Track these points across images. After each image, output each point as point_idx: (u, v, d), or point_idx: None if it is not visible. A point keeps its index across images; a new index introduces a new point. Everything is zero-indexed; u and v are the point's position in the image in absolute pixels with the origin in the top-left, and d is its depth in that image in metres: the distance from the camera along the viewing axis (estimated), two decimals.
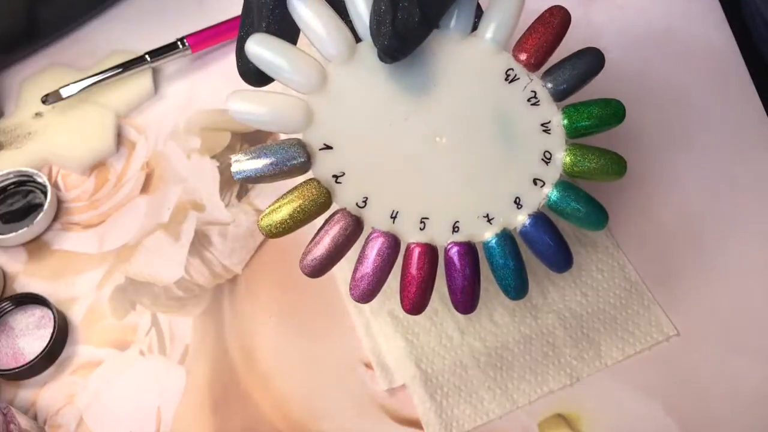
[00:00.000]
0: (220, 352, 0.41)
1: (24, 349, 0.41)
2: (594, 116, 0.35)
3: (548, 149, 0.34)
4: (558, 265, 0.35)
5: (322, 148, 0.32)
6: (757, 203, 0.44)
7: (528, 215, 0.34)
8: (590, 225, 0.35)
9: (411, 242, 0.32)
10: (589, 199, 0.35)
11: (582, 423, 0.38)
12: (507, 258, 0.33)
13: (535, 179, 0.34)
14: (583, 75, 0.36)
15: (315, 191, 0.31)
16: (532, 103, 0.35)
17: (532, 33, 0.36)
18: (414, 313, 0.33)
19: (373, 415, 0.39)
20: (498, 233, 0.33)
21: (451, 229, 0.33)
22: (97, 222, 0.46)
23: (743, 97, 0.47)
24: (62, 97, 0.48)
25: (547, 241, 0.34)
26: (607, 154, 0.35)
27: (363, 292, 0.32)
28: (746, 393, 0.38)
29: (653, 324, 0.40)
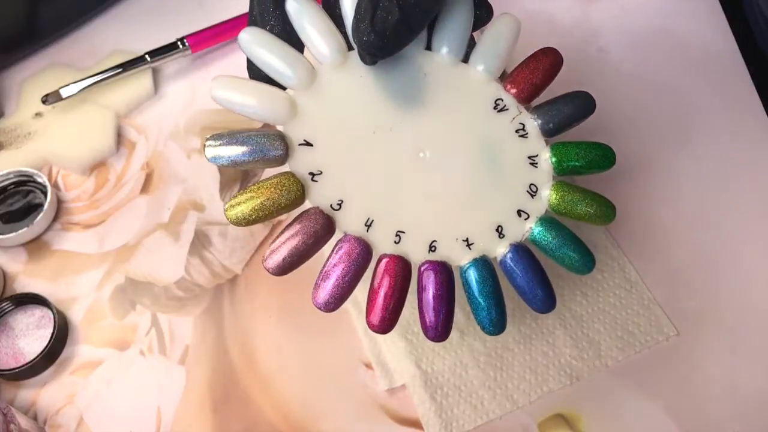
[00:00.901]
0: (220, 352, 0.41)
1: (24, 349, 0.41)
2: (582, 157, 0.35)
3: (534, 182, 0.34)
4: (537, 302, 0.33)
5: (302, 143, 0.32)
6: (757, 203, 0.44)
7: (509, 245, 0.33)
8: (573, 267, 0.34)
9: (383, 254, 0.32)
10: (573, 240, 0.34)
11: (582, 423, 0.38)
12: (483, 285, 0.32)
13: (519, 210, 0.34)
14: (571, 117, 0.36)
15: (290, 185, 0.31)
16: (520, 135, 0.35)
17: (524, 68, 0.36)
18: (380, 330, 0.31)
19: (373, 415, 0.39)
20: (476, 258, 0.32)
21: (428, 247, 0.32)
22: (97, 222, 0.46)
23: (743, 97, 0.47)
24: (62, 97, 0.48)
25: (527, 275, 0.32)
26: (596, 200, 0.34)
27: (328, 299, 0.31)
28: (746, 393, 0.38)
29: (653, 324, 0.40)
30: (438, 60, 0.34)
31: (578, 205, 0.34)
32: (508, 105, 0.35)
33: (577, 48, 0.50)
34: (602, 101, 0.48)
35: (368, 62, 0.33)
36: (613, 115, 0.47)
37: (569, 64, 0.50)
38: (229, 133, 0.31)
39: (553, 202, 0.34)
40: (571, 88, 0.49)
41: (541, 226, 0.33)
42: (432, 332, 0.32)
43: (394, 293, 0.31)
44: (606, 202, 0.35)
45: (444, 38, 0.34)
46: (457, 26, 0.34)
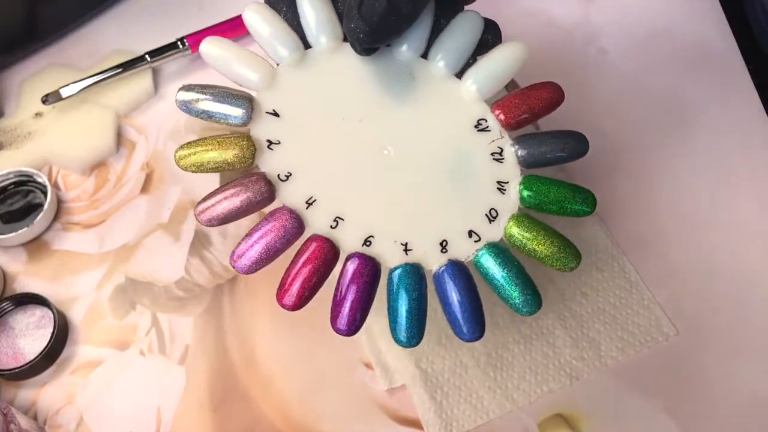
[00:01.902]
0: (220, 352, 0.41)
1: (24, 349, 0.41)
2: (557, 200, 0.33)
3: (496, 208, 0.33)
4: (458, 327, 0.31)
5: (270, 112, 0.32)
6: (757, 203, 0.44)
7: (448, 260, 0.32)
8: (512, 305, 0.32)
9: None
10: (518, 278, 0.32)
11: (582, 423, 0.38)
12: (408, 291, 0.31)
13: (471, 231, 0.33)
14: (557, 156, 0.34)
15: (243, 144, 0.31)
16: (494, 158, 0.34)
17: (517, 95, 0.35)
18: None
19: (373, 415, 0.39)
20: (406, 264, 0.32)
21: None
22: (97, 222, 0.46)
23: (743, 97, 0.47)
24: (62, 97, 0.48)
25: (455, 296, 0.31)
26: (556, 243, 0.33)
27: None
28: (746, 393, 0.38)
29: (653, 324, 0.40)
30: (431, 69, 0.34)
31: (534, 243, 0.32)
32: (491, 127, 0.34)
33: (577, 48, 0.50)
34: (602, 101, 0.48)
35: (358, 51, 0.33)
36: (612, 115, 0.47)
37: (569, 64, 0.50)
38: (208, 87, 0.31)
39: (509, 232, 0.33)
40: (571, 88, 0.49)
41: (489, 253, 0.32)
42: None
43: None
44: (567, 249, 0.33)
45: (441, 49, 0.34)
46: (458, 41, 0.34)
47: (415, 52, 0.34)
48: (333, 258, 0.31)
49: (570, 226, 0.43)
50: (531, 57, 0.50)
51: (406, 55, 0.34)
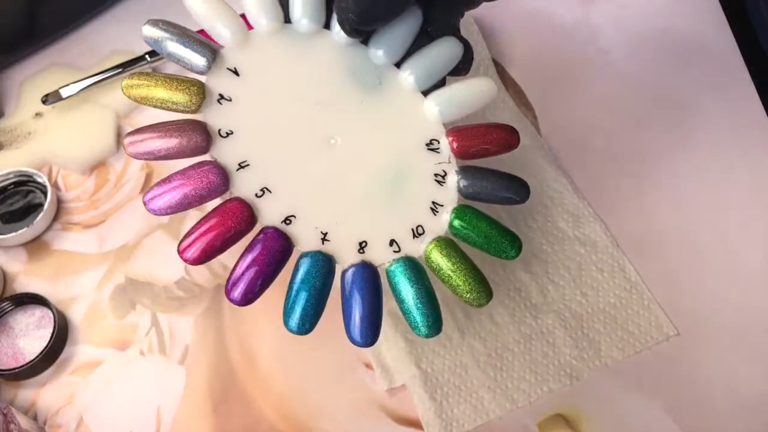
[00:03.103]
0: (220, 352, 0.41)
1: (24, 349, 0.41)
2: (483, 236, 0.33)
3: (422, 224, 0.33)
4: (350, 329, 0.31)
5: (230, 69, 0.32)
6: (756, 203, 0.44)
7: (360, 261, 0.32)
8: (413, 325, 0.32)
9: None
10: (425, 301, 0.31)
11: (582, 423, 0.38)
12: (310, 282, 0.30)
13: (392, 240, 0.32)
14: (495, 196, 0.34)
15: (192, 88, 0.31)
16: (436, 180, 0.33)
17: (476, 128, 0.34)
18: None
19: (373, 415, 0.39)
20: (313, 252, 0.31)
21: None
22: (97, 222, 0.46)
23: (743, 97, 0.47)
24: (62, 97, 0.48)
25: (356, 298, 0.31)
26: (470, 279, 0.32)
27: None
28: (746, 393, 0.38)
29: (653, 324, 0.40)
30: (400, 80, 0.34)
31: (450, 270, 0.32)
32: (441, 150, 0.34)
33: (577, 48, 0.50)
34: (602, 101, 0.48)
35: (347, 31, 0.32)
36: (613, 115, 0.47)
37: (569, 64, 0.50)
38: (179, 28, 0.32)
39: (429, 252, 0.32)
40: (572, 88, 0.49)
41: (401, 269, 0.31)
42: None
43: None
44: (480, 287, 0.32)
45: (415, 65, 0.34)
46: (434, 61, 0.34)
47: (390, 58, 0.34)
48: (247, 226, 0.31)
49: (571, 226, 0.43)
50: (531, 57, 0.50)
51: (380, 59, 0.34)
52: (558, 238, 0.43)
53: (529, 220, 0.44)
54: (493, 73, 0.49)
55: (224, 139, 0.31)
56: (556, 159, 0.46)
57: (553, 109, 0.48)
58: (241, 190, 0.31)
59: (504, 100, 0.48)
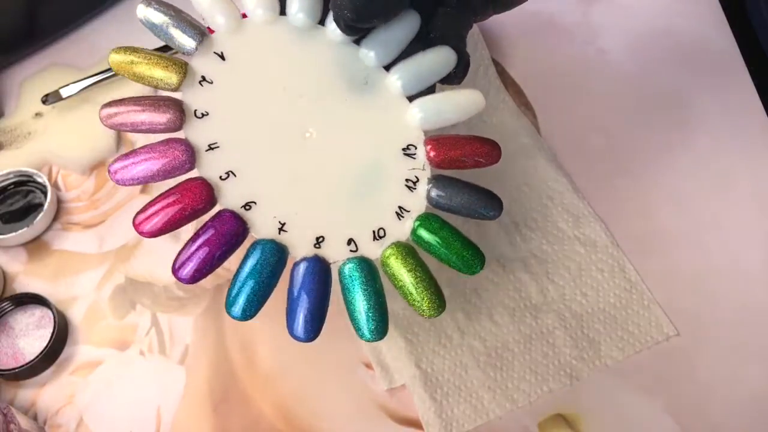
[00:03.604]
0: (220, 352, 0.41)
1: (24, 349, 0.41)
2: (444, 248, 0.32)
3: (384, 228, 0.32)
4: (292, 323, 0.31)
5: (217, 53, 0.33)
6: (756, 203, 0.44)
7: (314, 255, 0.31)
8: (355, 326, 0.31)
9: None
10: (372, 304, 0.31)
11: (582, 423, 0.38)
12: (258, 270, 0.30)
13: (350, 239, 0.32)
14: (464, 208, 0.33)
15: (175, 68, 0.31)
16: (407, 185, 0.33)
17: (456, 139, 0.34)
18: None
19: (373, 415, 0.39)
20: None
21: (244, 205, 0.31)
22: (97, 222, 0.46)
23: (743, 97, 0.47)
24: (62, 97, 0.48)
25: (303, 291, 0.31)
26: (422, 292, 0.31)
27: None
28: (746, 393, 0.38)
29: (653, 324, 0.40)
30: (387, 82, 0.34)
31: (402, 278, 0.31)
32: (417, 156, 0.33)
33: (577, 48, 0.50)
34: (602, 101, 0.48)
35: (342, 28, 0.32)
36: (613, 115, 0.47)
37: (569, 64, 0.50)
38: (171, 8, 0.32)
39: (386, 257, 0.32)
40: (571, 88, 0.49)
41: (354, 267, 0.31)
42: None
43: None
44: (433, 298, 0.31)
45: (403, 69, 0.34)
46: (422, 67, 0.33)
47: (380, 60, 0.34)
48: (205, 206, 0.31)
49: (571, 226, 0.43)
50: (531, 57, 0.50)
51: (371, 60, 0.34)
52: (558, 238, 0.43)
53: (529, 220, 0.44)
54: (493, 73, 0.49)
55: (198, 120, 0.31)
56: (556, 159, 0.46)
57: (553, 109, 0.48)
58: (206, 170, 0.31)
59: (504, 100, 0.48)
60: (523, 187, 0.45)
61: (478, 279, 0.42)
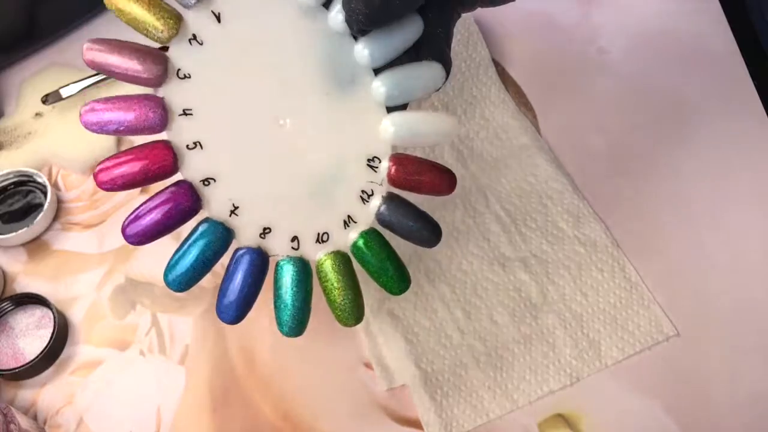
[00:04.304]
0: (220, 352, 0.41)
1: (24, 349, 0.41)
2: (376, 266, 0.33)
3: (328, 233, 0.33)
4: (218, 306, 0.32)
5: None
6: (756, 203, 0.44)
7: (257, 246, 0.32)
8: (278, 318, 0.33)
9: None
10: (296, 299, 0.32)
11: (582, 423, 0.38)
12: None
13: (294, 236, 0.32)
14: (408, 232, 0.33)
15: (170, 22, 0.30)
16: (361, 196, 0.33)
17: (419, 162, 0.33)
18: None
19: (373, 415, 0.39)
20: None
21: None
22: (97, 222, 0.46)
23: (743, 97, 0.47)
24: (62, 97, 0.48)
25: (238, 277, 0.31)
26: (350, 298, 0.32)
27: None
28: (746, 393, 0.38)
29: (653, 324, 0.40)
30: (371, 87, 0.33)
31: (334, 283, 0.32)
32: (379, 170, 0.33)
33: (577, 48, 0.50)
34: (602, 101, 0.48)
35: (353, 30, 0.31)
36: (613, 115, 0.47)
37: (569, 64, 0.50)
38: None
39: (321, 262, 0.32)
40: (572, 88, 0.49)
41: (290, 265, 0.32)
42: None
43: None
44: (352, 310, 0.32)
45: (390, 79, 0.32)
46: (410, 79, 0.33)
47: (374, 61, 0.33)
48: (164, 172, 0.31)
49: (571, 226, 0.43)
50: (531, 57, 0.50)
51: (364, 60, 0.33)
52: (558, 238, 0.43)
53: (529, 220, 0.44)
54: (493, 73, 0.49)
55: (179, 80, 0.31)
56: (556, 159, 0.46)
57: (553, 109, 0.48)
58: (175, 135, 0.31)
59: (504, 100, 0.48)
60: (529, 177, 0.45)
61: (478, 279, 0.42)
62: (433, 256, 0.43)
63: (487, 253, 0.43)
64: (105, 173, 0.30)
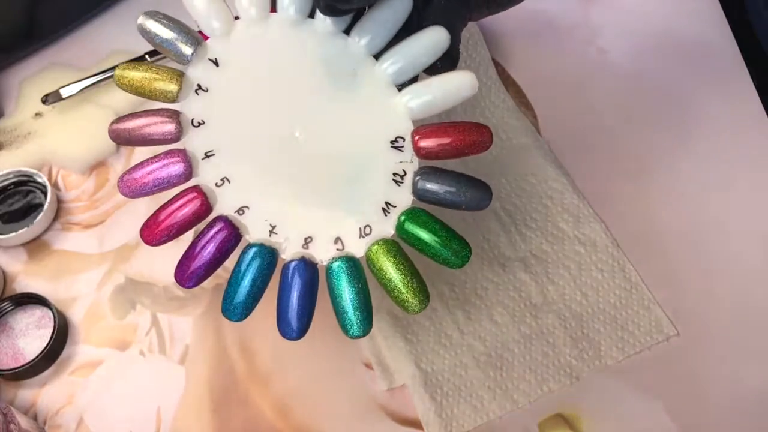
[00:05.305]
0: (220, 352, 0.41)
1: (24, 349, 0.41)
2: (428, 243, 0.32)
3: (370, 224, 0.32)
4: (281, 324, 0.32)
5: (211, 59, 0.33)
6: (756, 203, 0.44)
7: (301, 257, 0.31)
8: (342, 320, 0.32)
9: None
10: (356, 301, 0.31)
11: (582, 423, 0.38)
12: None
13: (337, 238, 0.32)
14: (453, 201, 0.32)
15: (174, 79, 0.32)
16: (394, 179, 0.32)
17: (445, 128, 0.32)
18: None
19: (373, 415, 0.39)
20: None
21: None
22: (97, 222, 0.46)
23: (743, 97, 0.47)
24: (62, 97, 0.48)
25: (293, 292, 0.31)
26: (410, 286, 0.31)
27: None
28: (746, 393, 0.38)
29: (653, 324, 0.40)
30: (376, 71, 0.33)
31: (389, 278, 0.31)
32: (405, 149, 0.32)
33: (577, 48, 0.50)
34: (602, 101, 0.48)
35: (321, 8, 0.31)
36: (613, 115, 0.47)
37: (569, 64, 0.50)
38: (171, 19, 0.33)
39: (371, 253, 0.32)
40: (572, 88, 0.49)
41: (340, 266, 0.31)
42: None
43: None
44: (418, 294, 0.31)
45: (394, 56, 0.33)
46: (414, 50, 0.32)
47: (370, 48, 0.33)
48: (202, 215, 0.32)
49: (571, 226, 0.43)
50: (531, 57, 0.50)
51: (360, 49, 0.33)
52: (558, 238, 0.43)
53: (529, 220, 0.44)
54: (493, 73, 0.49)
55: (195, 129, 0.32)
56: (556, 159, 0.46)
57: (553, 109, 0.48)
58: (203, 178, 0.32)
59: (504, 100, 0.48)
60: (529, 177, 0.45)
61: (478, 279, 0.42)
62: None
63: (487, 253, 0.43)
64: (150, 233, 0.33)
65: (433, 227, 0.32)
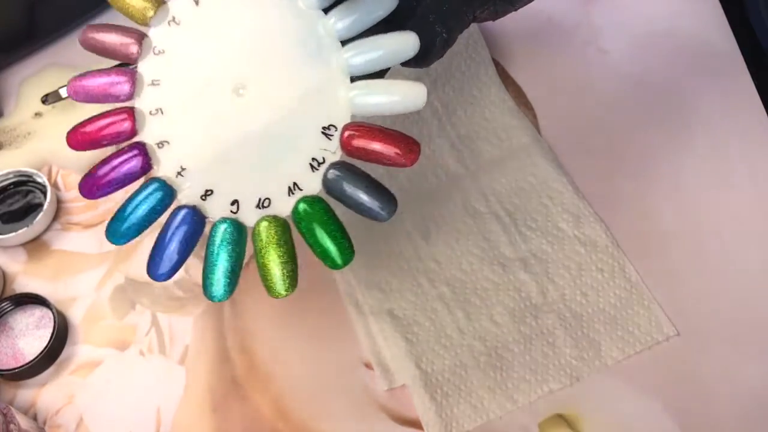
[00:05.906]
0: (220, 352, 0.41)
1: (24, 349, 0.41)
2: (314, 238, 0.31)
3: (270, 198, 0.32)
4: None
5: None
6: (756, 203, 0.44)
7: (194, 206, 0.32)
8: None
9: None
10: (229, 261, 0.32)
11: (582, 423, 0.38)
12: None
13: (235, 200, 0.32)
14: (357, 205, 0.32)
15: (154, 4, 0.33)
16: (311, 163, 0.32)
17: (378, 132, 0.32)
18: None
19: (373, 415, 0.39)
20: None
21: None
22: (97, 222, 0.46)
23: (743, 98, 0.47)
24: (62, 97, 0.48)
25: (173, 236, 0.32)
26: (285, 267, 0.31)
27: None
28: (746, 392, 0.38)
29: (653, 324, 0.40)
30: (336, 58, 0.33)
31: (266, 256, 0.31)
32: (333, 138, 0.32)
33: (577, 48, 0.50)
34: (602, 101, 0.48)
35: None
36: (613, 115, 0.47)
37: (569, 64, 0.50)
38: None
39: (258, 228, 0.32)
40: (572, 88, 0.49)
41: (226, 228, 0.32)
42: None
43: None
44: (281, 280, 0.31)
45: (357, 49, 0.32)
46: (379, 48, 0.32)
47: (341, 33, 0.33)
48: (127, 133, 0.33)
49: (571, 226, 0.43)
50: (531, 57, 0.50)
51: (332, 31, 0.33)
52: (558, 238, 0.43)
53: (529, 220, 0.44)
54: (493, 73, 0.49)
55: (154, 56, 0.33)
56: (556, 159, 0.46)
57: (553, 109, 0.48)
58: (142, 102, 0.33)
59: (504, 99, 0.48)
60: (529, 177, 0.45)
61: (478, 279, 0.42)
62: (433, 256, 0.43)
63: (487, 253, 0.43)
64: (74, 137, 0.34)
65: (324, 222, 0.32)
